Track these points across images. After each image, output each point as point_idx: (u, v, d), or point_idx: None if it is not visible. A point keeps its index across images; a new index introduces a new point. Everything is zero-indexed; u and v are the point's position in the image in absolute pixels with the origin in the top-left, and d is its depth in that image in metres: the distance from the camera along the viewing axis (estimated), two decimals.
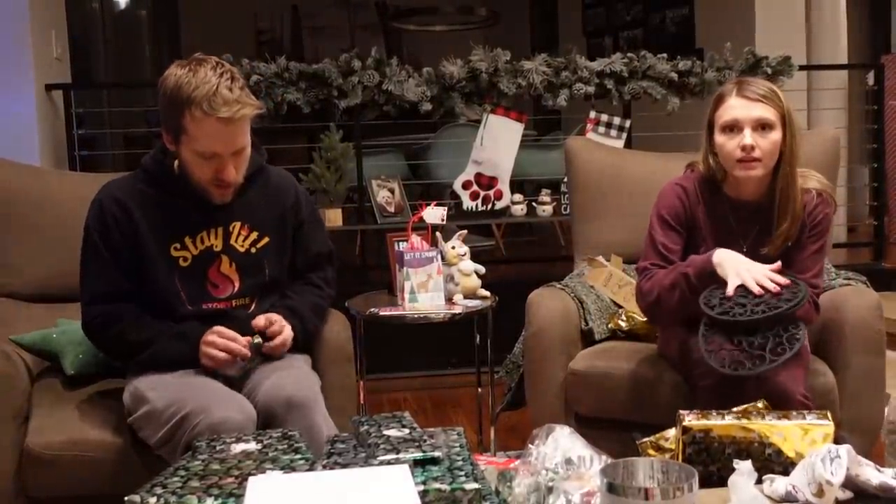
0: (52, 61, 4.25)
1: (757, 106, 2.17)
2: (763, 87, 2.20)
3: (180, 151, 2.05)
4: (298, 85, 3.93)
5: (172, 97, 1.99)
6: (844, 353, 2.40)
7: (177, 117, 1.99)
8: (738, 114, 2.19)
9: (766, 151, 2.18)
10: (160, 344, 2.06)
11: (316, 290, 2.30)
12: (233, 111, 1.96)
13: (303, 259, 2.29)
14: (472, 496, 1.27)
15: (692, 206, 2.32)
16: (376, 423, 1.54)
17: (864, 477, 1.55)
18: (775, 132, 2.18)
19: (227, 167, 2.04)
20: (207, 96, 1.94)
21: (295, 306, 2.20)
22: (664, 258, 2.30)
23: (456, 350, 3.86)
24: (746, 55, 4.31)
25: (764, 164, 2.20)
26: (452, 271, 2.81)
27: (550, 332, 2.56)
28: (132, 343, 2.07)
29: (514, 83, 4.03)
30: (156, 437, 1.95)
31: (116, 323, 2.08)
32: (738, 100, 2.19)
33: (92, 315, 2.12)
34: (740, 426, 1.76)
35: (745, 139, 2.17)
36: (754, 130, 2.17)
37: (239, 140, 2.03)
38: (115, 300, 2.09)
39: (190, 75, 1.97)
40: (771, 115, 2.17)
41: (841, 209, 5.23)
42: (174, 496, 1.26)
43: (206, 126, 1.97)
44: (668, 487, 1.29)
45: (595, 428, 2.41)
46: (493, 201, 4.26)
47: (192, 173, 2.07)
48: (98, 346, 2.19)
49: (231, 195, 2.13)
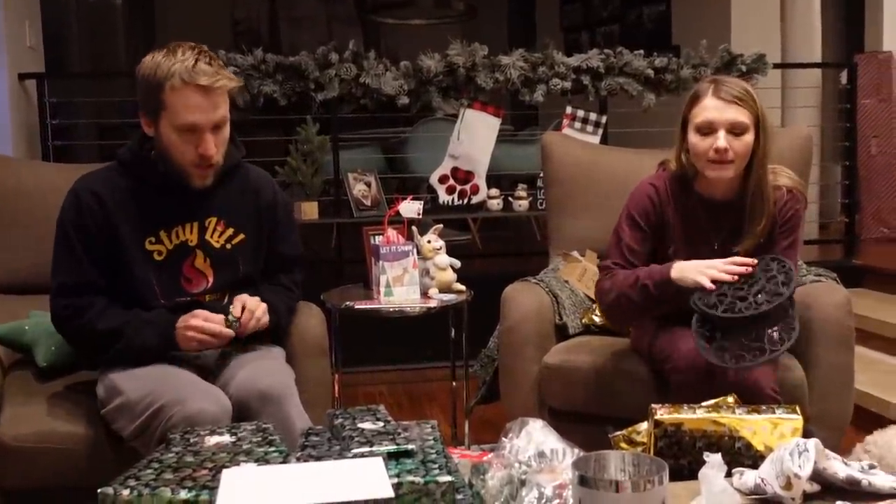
0: (26, 50, 4.20)
1: (732, 108, 2.18)
2: (738, 88, 2.20)
3: (159, 133, 2.04)
4: (275, 77, 3.92)
5: (150, 76, 2.00)
6: (814, 348, 2.43)
7: (155, 94, 1.99)
8: (713, 115, 2.19)
9: (739, 153, 2.20)
10: (129, 334, 2.04)
11: (287, 291, 2.30)
12: (211, 80, 1.98)
13: (274, 260, 2.28)
14: (446, 489, 1.28)
15: (662, 206, 2.33)
16: (351, 416, 1.54)
17: (831, 470, 1.57)
18: (748, 134, 2.19)
19: (207, 142, 2.03)
20: (187, 68, 1.97)
21: (272, 301, 2.19)
22: (626, 259, 2.32)
23: (431, 344, 3.87)
24: (722, 53, 4.35)
25: (736, 166, 2.22)
26: (428, 265, 2.82)
27: (525, 326, 2.57)
28: (100, 333, 2.05)
29: (491, 78, 4.04)
30: (129, 429, 1.94)
31: (84, 313, 2.06)
32: (713, 101, 2.20)
33: (60, 306, 2.10)
34: (711, 420, 1.78)
35: (718, 141, 2.18)
36: (728, 132, 2.18)
37: (218, 111, 2.03)
38: (84, 292, 2.08)
39: (168, 55, 2.00)
40: (745, 117, 2.18)
41: (813, 206, 5.29)
42: (147, 488, 1.26)
43: (186, 95, 1.98)
44: (640, 480, 1.30)
45: (568, 421, 2.43)
46: (469, 196, 4.26)
47: (171, 156, 2.06)
48: (67, 338, 2.16)
49: (211, 177, 2.11)
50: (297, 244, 2.35)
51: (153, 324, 2.05)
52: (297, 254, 2.35)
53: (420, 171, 4.89)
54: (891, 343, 3.76)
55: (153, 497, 1.25)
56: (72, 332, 2.12)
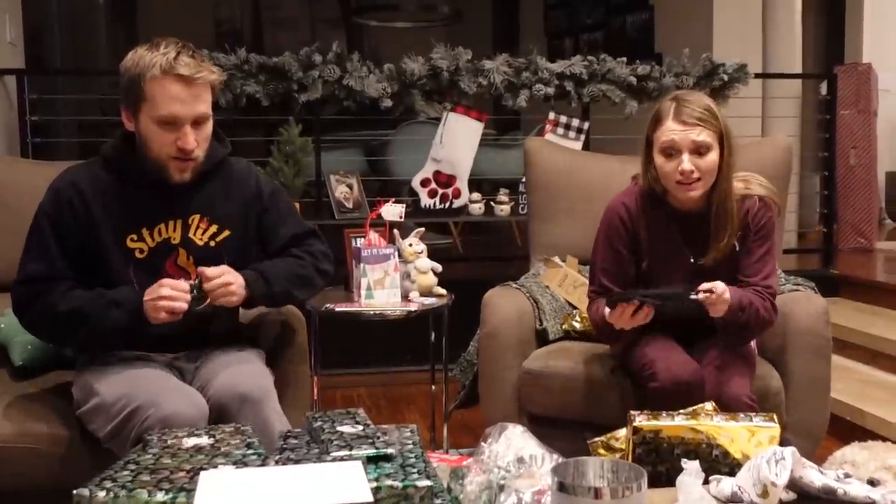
0: (6, 46, 4.17)
1: (694, 130, 2.18)
2: (699, 107, 2.19)
3: (139, 126, 2.02)
4: (258, 77, 3.91)
5: (132, 69, 1.99)
6: (792, 357, 2.45)
7: (136, 85, 1.98)
8: (676, 137, 2.19)
9: (706, 172, 2.20)
10: (96, 314, 1.99)
11: (295, 259, 2.21)
12: (193, 71, 1.97)
13: (278, 244, 2.22)
14: (424, 493, 1.28)
15: (634, 223, 2.34)
16: (330, 419, 1.54)
17: (807, 479, 1.58)
18: (713, 152, 2.20)
19: (186, 135, 2.00)
20: (168, 60, 1.96)
21: (264, 269, 2.14)
22: (601, 285, 2.35)
23: (411, 347, 3.86)
24: (704, 62, 4.38)
25: (704, 183, 2.22)
26: (409, 269, 2.82)
27: (505, 331, 2.57)
28: (63, 314, 1.99)
29: (474, 82, 4.05)
30: (105, 430, 1.92)
31: (45, 296, 2.01)
32: (674, 123, 2.19)
33: (20, 292, 2.05)
34: (689, 427, 1.79)
35: (683, 164, 2.19)
36: (692, 153, 2.19)
37: (199, 105, 2.01)
38: (45, 281, 2.03)
39: (151, 49, 1.99)
40: (708, 137, 2.18)
41: (791, 216, 5.33)
42: (124, 490, 1.25)
43: (166, 86, 1.96)
44: (618, 487, 1.31)
45: (547, 427, 2.43)
46: (451, 199, 4.27)
47: (150, 149, 2.03)
48: (29, 325, 2.09)
49: (189, 173, 2.08)
50: (299, 223, 2.29)
51: (119, 303, 2.00)
52: (301, 231, 2.27)
53: (402, 174, 4.89)
54: (866, 353, 3.79)
55: (130, 499, 1.24)
56: (33, 317, 2.05)
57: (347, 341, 3.67)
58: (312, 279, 2.23)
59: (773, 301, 2.29)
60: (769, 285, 2.30)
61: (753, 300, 2.23)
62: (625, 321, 2.19)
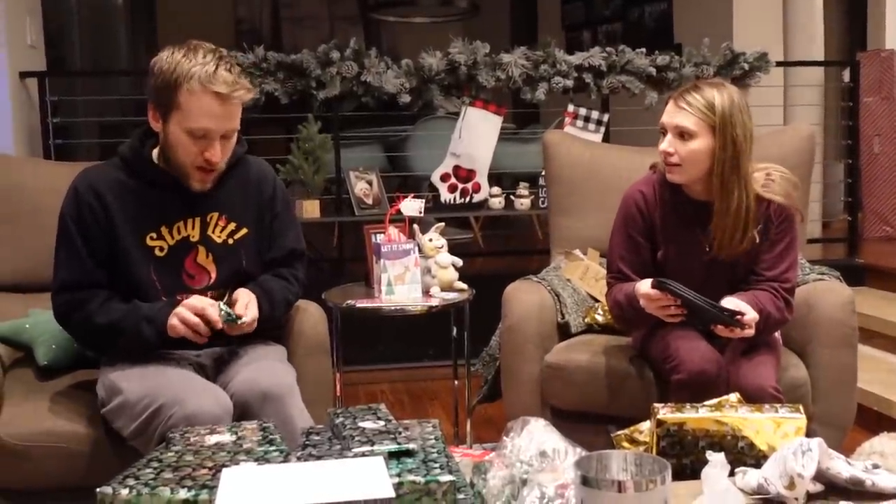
0: (27, 48, 4.20)
1: (680, 114, 2.22)
2: (698, 94, 2.22)
3: (167, 130, 2.03)
4: (277, 75, 3.92)
5: (168, 73, 1.97)
6: (817, 347, 2.42)
7: (171, 92, 1.97)
8: (664, 119, 2.27)
9: (684, 158, 2.22)
10: (128, 330, 2.02)
11: (288, 284, 2.25)
12: (230, 89, 1.97)
13: (276, 254, 2.25)
14: (447, 488, 1.28)
15: (650, 211, 2.35)
16: (352, 415, 1.54)
17: (834, 470, 1.56)
18: (696, 141, 2.21)
19: (214, 149, 2.02)
20: (207, 73, 1.95)
21: (272, 290, 2.17)
22: (620, 272, 2.36)
23: (432, 342, 3.86)
24: (724, 51, 4.33)
25: (685, 170, 2.25)
26: (429, 264, 2.81)
27: (527, 325, 2.56)
28: (99, 327, 2.04)
29: (492, 76, 4.03)
30: (129, 429, 1.94)
31: (82, 308, 2.05)
32: (670, 104, 2.26)
33: (60, 302, 2.09)
34: (714, 419, 1.77)
35: (662, 143, 2.26)
36: (675, 137, 2.23)
37: (231, 122, 2.02)
38: (83, 288, 2.07)
39: (189, 55, 1.98)
40: (691, 123, 2.20)
41: (815, 205, 5.27)
42: (147, 487, 1.25)
43: (202, 100, 1.96)
44: (642, 480, 1.30)
45: (570, 421, 2.42)
46: (470, 194, 4.26)
47: (175, 155, 2.04)
48: (71, 334, 2.17)
49: (210, 183, 2.10)
50: (299, 239, 2.32)
51: (151, 319, 2.03)
52: (299, 249, 2.31)
53: (421, 169, 4.88)
54: (893, 342, 3.75)
55: (152, 496, 1.24)
56: (73, 327, 2.11)
57: (369, 337, 3.68)
58: (291, 307, 2.30)
59: (789, 297, 2.28)
60: (786, 279, 2.28)
61: (766, 306, 2.21)
62: (655, 308, 2.19)
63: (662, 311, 2.20)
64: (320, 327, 2.34)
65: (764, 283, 2.26)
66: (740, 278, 2.31)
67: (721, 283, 2.29)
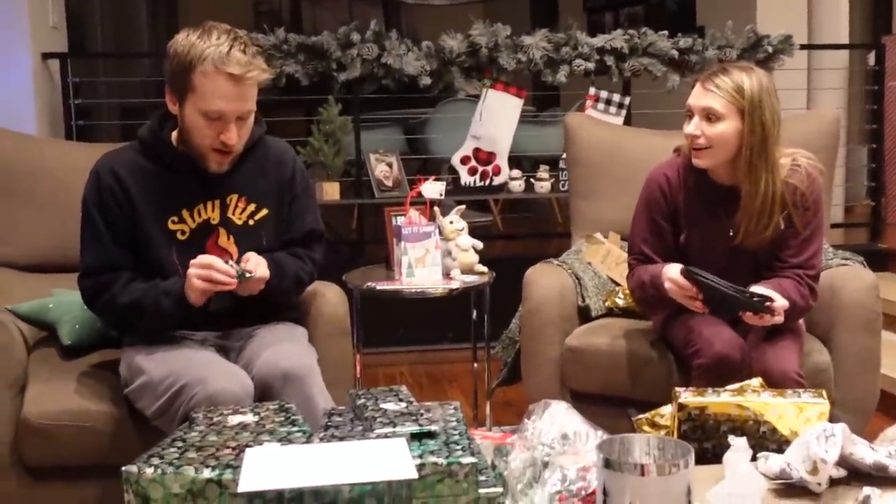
0: (49, 30, 4.21)
1: (708, 96, 2.19)
2: (727, 76, 2.18)
3: (184, 113, 2.03)
4: (297, 57, 3.91)
5: (183, 55, 1.97)
6: (840, 332, 2.40)
7: (185, 74, 1.97)
8: (691, 101, 2.24)
9: (712, 140, 2.20)
10: (149, 306, 2.03)
11: (302, 262, 2.24)
12: (244, 70, 1.96)
13: (294, 234, 2.25)
14: (469, 470, 1.28)
15: (674, 195, 2.33)
16: (373, 396, 1.54)
17: (857, 455, 1.56)
18: (724, 123, 2.18)
19: (230, 130, 2.01)
20: (220, 54, 1.94)
21: (283, 263, 2.16)
22: (643, 254, 2.34)
23: (452, 325, 3.87)
24: (747, 34, 4.29)
25: (712, 154, 2.22)
26: (450, 246, 2.81)
27: (547, 308, 2.56)
28: (123, 306, 2.05)
29: (513, 58, 4.01)
30: (152, 408, 1.95)
31: (107, 291, 2.07)
32: (698, 87, 2.23)
33: (86, 286, 2.11)
34: (736, 404, 1.76)
35: (687, 126, 2.22)
36: (702, 119, 2.20)
37: (246, 103, 2.01)
38: (107, 272, 2.08)
39: (204, 36, 1.97)
40: (719, 105, 2.17)
41: (838, 189, 5.22)
42: (171, 467, 1.26)
43: (216, 82, 1.96)
44: (664, 464, 1.29)
45: (590, 404, 2.41)
46: (491, 177, 4.25)
47: (191, 137, 2.05)
48: (99, 316, 2.19)
49: (227, 164, 2.11)
50: (317, 220, 2.31)
51: (168, 292, 2.04)
52: (318, 230, 2.30)
53: (441, 152, 4.87)
54: None
55: (177, 475, 1.25)
56: (100, 309, 2.13)
57: (389, 319, 3.68)
58: (303, 286, 2.28)
59: (814, 284, 2.26)
60: (812, 266, 2.26)
61: (791, 294, 2.19)
62: (680, 295, 2.18)
63: (687, 301, 2.19)
64: (340, 309, 2.34)
65: (788, 270, 2.25)
66: (763, 264, 2.29)
67: (744, 269, 2.27)
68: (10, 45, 3.87)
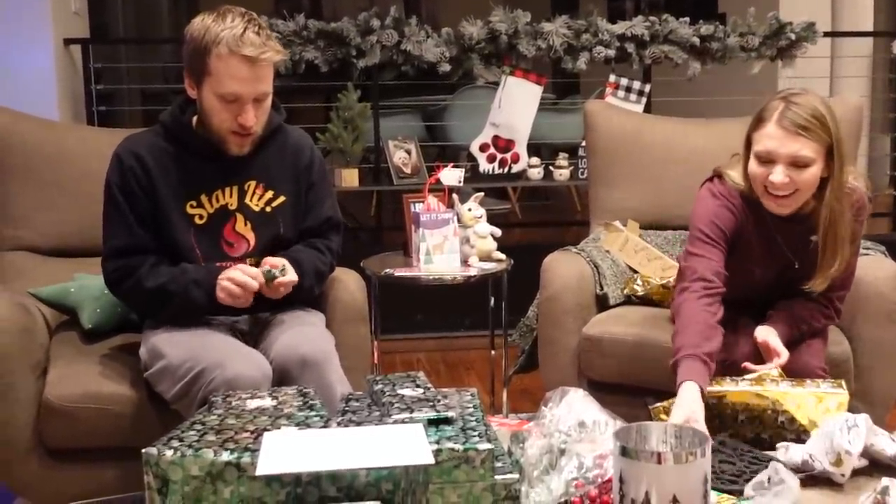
0: (71, 16, 4.23)
1: (796, 141, 1.95)
2: (806, 114, 1.95)
3: (202, 97, 2.04)
4: (317, 43, 3.91)
5: (198, 39, 1.99)
6: (861, 323, 2.39)
7: (202, 58, 1.99)
8: (773, 146, 1.97)
9: (802, 188, 2.00)
10: (178, 293, 2.05)
11: (320, 254, 2.24)
12: (258, 51, 1.97)
13: (311, 223, 2.25)
14: (485, 456, 1.28)
15: (742, 222, 2.14)
16: (391, 382, 1.54)
17: (878, 446, 1.55)
18: (814, 167, 1.97)
19: (247, 112, 2.02)
20: (234, 36, 1.96)
21: (300, 260, 2.17)
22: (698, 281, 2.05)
23: (470, 312, 3.87)
24: (770, 20, 4.25)
25: (796, 199, 2.02)
26: (468, 233, 2.81)
27: (565, 296, 2.56)
28: (149, 291, 2.06)
29: (533, 45, 3.99)
30: (172, 392, 1.97)
31: (132, 275, 2.08)
32: (776, 129, 1.96)
33: (110, 269, 2.13)
34: (754, 393, 1.76)
35: (774, 174, 1.98)
36: (789, 166, 1.97)
37: (262, 85, 2.02)
38: (132, 254, 2.10)
39: (218, 20, 1.99)
40: (810, 150, 1.95)
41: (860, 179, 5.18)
42: (191, 450, 1.27)
43: (231, 64, 1.97)
44: (681, 452, 1.29)
45: (607, 392, 2.41)
46: (509, 164, 4.24)
47: (210, 121, 2.06)
48: (122, 300, 2.20)
49: (248, 146, 2.11)
50: (335, 208, 2.32)
51: (199, 282, 2.06)
52: (332, 217, 2.30)
53: (460, 139, 4.87)
54: None
55: (196, 458, 1.26)
56: (124, 293, 2.14)
57: (407, 306, 3.69)
58: (324, 278, 2.28)
59: (840, 305, 2.21)
60: (846, 286, 2.20)
61: (811, 322, 2.16)
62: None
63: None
64: (358, 295, 2.35)
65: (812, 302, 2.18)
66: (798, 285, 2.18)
67: (782, 290, 2.21)
68: (32, 31, 3.89)
